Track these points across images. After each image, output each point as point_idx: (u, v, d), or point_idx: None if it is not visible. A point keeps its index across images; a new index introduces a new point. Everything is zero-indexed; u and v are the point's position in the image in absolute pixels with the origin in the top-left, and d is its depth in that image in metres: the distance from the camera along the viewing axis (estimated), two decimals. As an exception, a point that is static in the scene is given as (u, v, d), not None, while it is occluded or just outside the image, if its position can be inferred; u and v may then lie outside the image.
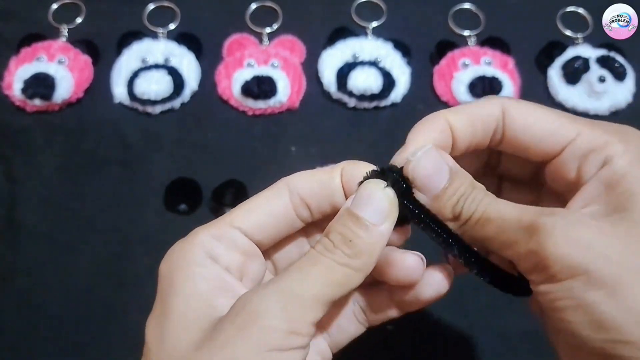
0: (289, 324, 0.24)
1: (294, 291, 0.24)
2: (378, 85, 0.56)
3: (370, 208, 0.26)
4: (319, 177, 0.28)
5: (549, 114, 0.29)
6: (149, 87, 0.56)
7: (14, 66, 0.58)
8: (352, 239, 0.26)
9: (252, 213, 0.28)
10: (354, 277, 0.26)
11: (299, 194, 0.28)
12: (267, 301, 0.24)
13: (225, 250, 0.27)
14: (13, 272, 0.52)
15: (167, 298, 0.26)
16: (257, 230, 0.28)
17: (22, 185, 0.55)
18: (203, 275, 0.26)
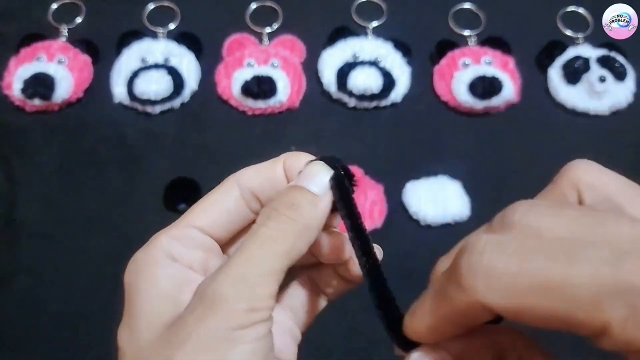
0: (245, 303, 0.24)
1: (243, 272, 0.25)
2: (378, 85, 0.56)
3: (313, 181, 0.28)
4: (264, 170, 0.30)
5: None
6: (149, 86, 0.56)
7: (14, 66, 0.58)
8: (295, 202, 0.27)
9: (207, 211, 0.29)
10: (298, 243, 0.26)
11: (248, 188, 0.29)
12: (220, 286, 0.25)
13: (185, 249, 0.28)
14: (13, 271, 0.52)
15: (131, 303, 0.27)
16: (214, 226, 0.29)
17: (22, 185, 0.55)
18: (164, 274, 0.27)
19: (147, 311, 0.26)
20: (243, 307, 0.24)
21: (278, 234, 0.26)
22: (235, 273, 0.25)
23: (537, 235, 0.21)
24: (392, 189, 0.54)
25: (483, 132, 0.57)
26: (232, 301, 0.24)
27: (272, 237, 0.26)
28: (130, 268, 0.28)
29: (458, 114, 0.58)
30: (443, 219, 0.53)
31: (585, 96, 0.57)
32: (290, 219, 0.26)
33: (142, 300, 0.27)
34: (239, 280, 0.25)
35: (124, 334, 0.27)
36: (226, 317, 0.24)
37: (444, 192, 0.53)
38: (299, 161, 0.29)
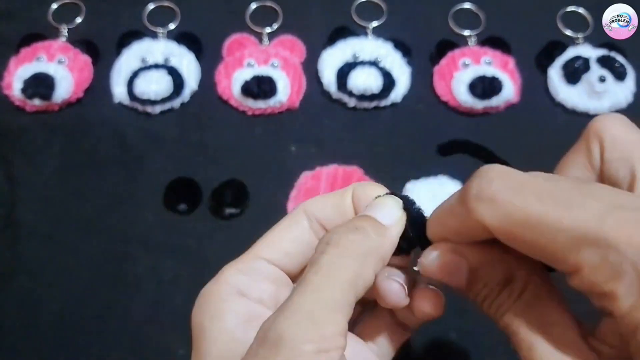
0: (312, 344, 0.22)
1: (307, 308, 0.23)
2: (378, 85, 0.56)
3: (382, 212, 0.26)
4: (332, 200, 0.28)
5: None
6: (149, 87, 0.56)
7: (14, 66, 0.58)
8: (359, 227, 0.25)
9: (275, 242, 0.28)
10: (364, 270, 0.24)
11: (316, 218, 0.28)
12: (283, 326, 0.23)
13: (253, 282, 0.27)
14: (13, 271, 0.52)
15: (199, 342, 0.26)
16: (282, 258, 0.28)
17: (22, 185, 0.55)
18: (231, 311, 0.26)
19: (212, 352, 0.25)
20: (310, 348, 0.22)
21: (340, 260, 0.24)
22: (298, 310, 0.23)
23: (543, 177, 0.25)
24: (392, 188, 0.54)
25: (483, 132, 0.57)
26: (297, 342, 0.22)
27: (333, 264, 0.24)
28: (197, 304, 0.27)
29: (458, 114, 0.58)
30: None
31: (585, 96, 0.57)
32: (352, 243, 0.24)
33: (207, 340, 0.25)
34: (303, 317, 0.22)
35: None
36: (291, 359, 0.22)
37: (444, 192, 0.53)
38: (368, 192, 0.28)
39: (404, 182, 0.54)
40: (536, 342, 0.25)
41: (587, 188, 0.23)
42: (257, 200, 0.54)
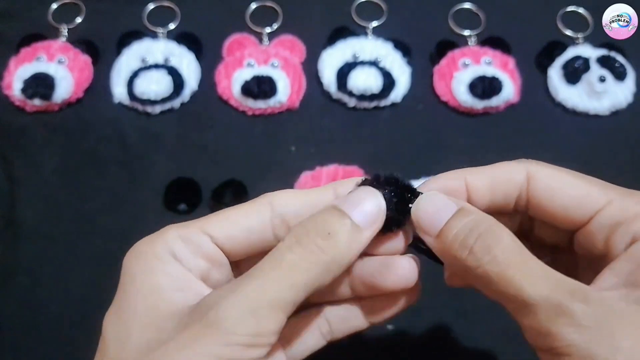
0: (246, 336, 0.22)
1: (256, 297, 0.23)
2: (378, 85, 0.56)
3: (358, 209, 0.25)
4: (307, 198, 0.27)
5: (577, 181, 0.27)
6: (149, 87, 0.56)
7: (14, 66, 0.58)
8: (332, 231, 0.24)
9: (227, 223, 0.27)
10: (322, 277, 0.24)
11: (281, 214, 0.27)
12: (229, 308, 0.23)
13: (189, 253, 0.26)
14: (13, 271, 0.52)
15: (126, 292, 0.26)
16: (228, 240, 0.27)
17: (22, 185, 0.55)
18: (164, 271, 0.25)
19: (141, 307, 0.25)
20: (243, 340, 0.22)
21: (303, 263, 0.23)
22: (245, 299, 0.23)
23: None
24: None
25: (483, 132, 0.57)
26: (233, 330, 0.22)
27: (296, 265, 0.23)
28: (131, 255, 0.26)
29: (458, 114, 0.58)
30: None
31: (585, 96, 0.57)
32: (321, 251, 0.24)
33: (137, 293, 0.25)
34: (244, 307, 0.23)
35: (112, 325, 0.25)
36: (219, 344, 0.22)
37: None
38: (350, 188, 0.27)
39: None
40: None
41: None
42: (257, 200, 0.54)
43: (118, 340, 0.25)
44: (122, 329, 0.25)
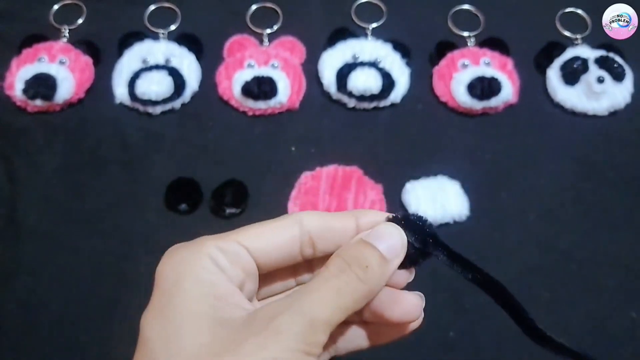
0: (305, 346, 0.25)
1: (312, 313, 0.26)
2: (378, 86, 0.56)
3: (385, 243, 0.28)
4: (332, 221, 0.30)
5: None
6: (150, 87, 0.56)
7: (16, 67, 0.58)
8: (368, 264, 0.28)
9: (260, 237, 0.29)
10: (358, 303, 0.27)
11: (309, 232, 0.29)
12: (288, 321, 0.25)
13: (229, 264, 0.28)
14: (14, 271, 0.52)
15: (172, 296, 0.26)
16: (261, 254, 0.29)
17: (23, 185, 0.55)
18: (212, 281, 0.27)
19: (190, 312, 0.26)
20: (301, 348, 0.25)
21: (347, 290, 0.27)
22: (307, 313, 0.26)
23: None
24: (392, 189, 0.54)
25: (482, 133, 0.58)
26: (294, 339, 0.25)
27: (342, 291, 0.27)
28: (170, 262, 0.27)
29: (457, 114, 0.58)
30: (442, 219, 0.53)
31: (584, 97, 0.58)
32: (360, 281, 0.27)
33: (186, 299, 0.26)
34: (308, 320, 0.25)
35: (156, 328, 0.26)
36: (288, 350, 0.25)
37: (443, 192, 0.53)
38: (371, 219, 0.30)
39: (403, 181, 0.55)
40: None
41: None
42: (257, 200, 0.54)
43: (166, 342, 0.26)
44: (171, 332, 0.26)
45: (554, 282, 0.52)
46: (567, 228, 0.54)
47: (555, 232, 0.53)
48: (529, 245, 0.53)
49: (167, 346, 0.25)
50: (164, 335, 0.26)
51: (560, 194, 0.55)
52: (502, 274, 0.54)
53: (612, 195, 0.55)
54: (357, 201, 0.53)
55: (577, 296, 0.51)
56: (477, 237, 0.53)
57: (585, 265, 0.52)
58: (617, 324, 0.50)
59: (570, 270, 0.52)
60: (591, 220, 0.54)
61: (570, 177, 0.56)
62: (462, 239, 0.53)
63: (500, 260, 0.52)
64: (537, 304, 0.51)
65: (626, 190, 0.55)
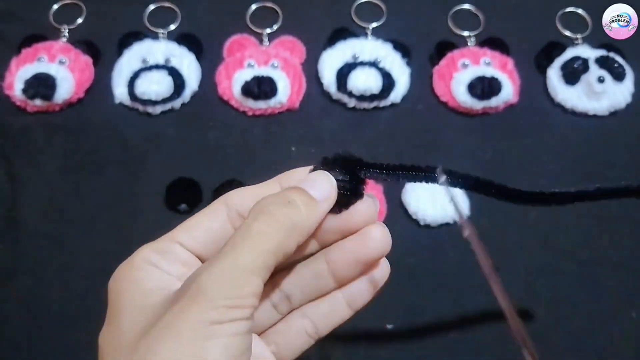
0: (226, 300, 0.25)
1: (228, 267, 0.25)
2: (378, 86, 0.56)
3: (314, 187, 0.28)
4: (256, 191, 0.30)
5: None
6: (150, 87, 0.56)
7: (15, 66, 0.58)
8: (291, 200, 0.27)
9: (191, 229, 0.29)
10: (287, 241, 0.26)
11: (236, 210, 0.29)
12: (204, 280, 0.25)
13: (166, 262, 0.28)
14: (14, 271, 0.52)
15: (115, 306, 0.27)
16: (196, 244, 0.29)
17: (23, 185, 0.55)
18: (146, 277, 0.28)
19: (129, 308, 0.26)
20: (223, 303, 0.25)
21: (268, 229, 0.26)
22: (221, 269, 0.25)
23: None
24: (392, 189, 0.54)
25: (482, 133, 0.58)
26: (213, 296, 0.24)
27: (261, 232, 0.26)
28: (113, 278, 0.28)
29: (457, 114, 0.58)
30: (442, 219, 0.53)
31: (584, 97, 0.58)
32: (283, 215, 0.26)
33: (124, 302, 0.27)
34: (222, 275, 0.25)
35: (105, 334, 0.27)
36: (205, 310, 0.24)
37: (442, 193, 0.53)
38: (295, 177, 0.30)
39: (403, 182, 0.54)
40: None
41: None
42: (257, 200, 0.54)
43: (112, 345, 0.26)
44: (114, 335, 0.26)
45: (554, 282, 0.52)
46: (567, 228, 0.54)
47: (555, 232, 0.53)
48: (529, 245, 0.53)
49: (112, 347, 0.26)
50: (111, 340, 0.26)
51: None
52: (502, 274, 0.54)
53: (612, 195, 0.55)
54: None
55: (577, 296, 0.51)
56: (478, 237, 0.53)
57: (586, 265, 0.52)
58: (618, 324, 0.50)
59: (570, 270, 0.52)
60: (591, 220, 0.54)
61: (570, 177, 0.56)
62: (462, 239, 0.53)
63: (500, 260, 0.52)
64: (537, 304, 0.51)
65: (626, 190, 0.55)
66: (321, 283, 0.30)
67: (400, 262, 0.52)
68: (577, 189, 0.31)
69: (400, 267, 0.52)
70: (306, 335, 0.31)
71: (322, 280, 0.30)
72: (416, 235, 0.53)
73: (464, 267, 0.52)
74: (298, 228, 0.27)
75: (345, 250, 0.29)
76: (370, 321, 0.50)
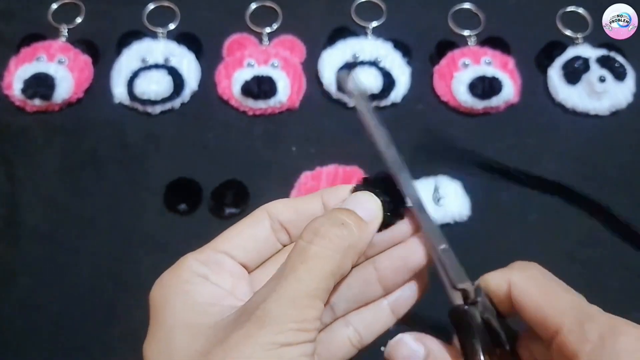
0: (294, 324, 0.25)
1: (293, 293, 0.25)
2: (378, 85, 0.56)
3: (361, 208, 0.28)
4: (298, 204, 0.30)
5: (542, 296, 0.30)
6: (149, 87, 0.56)
7: (14, 66, 0.58)
8: (344, 222, 0.27)
9: (235, 238, 0.29)
10: (344, 263, 0.27)
11: (278, 220, 0.30)
12: (271, 306, 0.25)
13: (213, 273, 0.28)
14: (14, 271, 0.52)
15: (164, 318, 0.27)
16: (241, 253, 0.29)
17: (23, 185, 0.55)
18: (196, 290, 0.27)
19: (181, 323, 0.26)
20: (291, 326, 0.25)
21: (326, 252, 0.26)
22: (285, 293, 0.25)
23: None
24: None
25: (483, 132, 0.57)
26: (282, 321, 0.25)
27: (320, 255, 0.26)
28: (158, 287, 0.28)
29: (458, 114, 0.58)
30: (442, 219, 0.53)
31: (585, 96, 0.57)
32: (338, 237, 0.26)
33: (175, 314, 0.26)
34: (288, 300, 0.25)
35: (154, 347, 0.26)
36: (274, 334, 0.24)
37: (444, 192, 0.53)
38: (339, 195, 0.30)
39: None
40: None
41: None
42: (257, 200, 0.54)
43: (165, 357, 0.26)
44: (164, 348, 0.26)
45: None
46: (568, 228, 0.53)
47: (555, 232, 0.53)
48: (529, 245, 0.53)
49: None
50: (159, 353, 0.26)
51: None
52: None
53: (613, 194, 0.55)
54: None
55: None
56: (478, 237, 0.53)
57: (587, 265, 0.52)
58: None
59: (571, 270, 0.52)
60: (592, 220, 0.54)
61: (571, 177, 0.55)
62: (463, 239, 0.53)
63: (500, 260, 0.52)
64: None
65: (627, 190, 0.55)
66: (368, 290, 0.30)
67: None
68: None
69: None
70: (350, 345, 0.31)
71: (370, 287, 0.30)
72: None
73: (464, 267, 0.52)
74: (353, 249, 0.27)
75: (394, 257, 0.30)
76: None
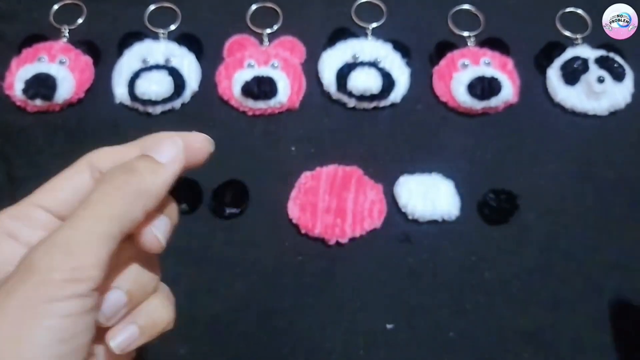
0: (61, 273, 0.23)
1: (64, 238, 0.24)
2: (378, 86, 0.56)
3: (160, 151, 0.28)
4: (117, 150, 0.29)
5: None
6: (150, 87, 0.56)
7: (15, 66, 0.58)
8: (133, 167, 0.26)
9: (53, 191, 0.28)
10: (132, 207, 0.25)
11: (99, 169, 0.28)
12: (39, 255, 0.23)
13: (26, 227, 0.27)
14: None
15: None
16: (59, 206, 0.28)
17: (23, 185, 0.55)
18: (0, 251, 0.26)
19: None
20: (58, 276, 0.22)
21: (109, 197, 0.25)
22: (55, 240, 0.23)
23: None
24: (392, 189, 0.54)
25: (482, 133, 0.58)
26: (46, 270, 0.22)
27: (102, 200, 0.25)
28: None
29: (457, 114, 0.58)
30: (431, 215, 0.53)
31: (584, 97, 0.58)
32: (124, 182, 0.25)
33: None
34: (56, 247, 0.23)
35: None
36: (37, 286, 0.22)
37: (435, 190, 0.53)
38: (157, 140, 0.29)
39: (403, 182, 0.55)
40: None
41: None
42: (257, 200, 0.54)
43: None
44: None
45: (554, 282, 0.52)
46: (567, 228, 0.54)
47: (555, 232, 0.53)
48: (529, 245, 0.53)
49: None
50: None
51: (560, 194, 0.55)
52: (502, 274, 0.54)
53: (612, 195, 0.55)
54: (356, 201, 0.53)
55: (577, 296, 0.51)
56: (478, 237, 0.53)
57: (585, 265, 0.52)
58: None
59: (570, 270, 0.52)
60: (591, 220, 0.54)
61: (570, 177, 0.56)
62: (463, 238, 0.53)
63: (500, 260, 0.52)
64: (538, 304, 0.51)
65: (626, 190, 0.55)
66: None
67: (400, 262, 0.52)
68: None
69: (401, 267, 0.52)
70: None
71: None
72: (416, 236, 0.53)
73: (464, 267, 0.52)
74: (143, 194, 0.26)
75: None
76: (370, 321, 0.50)
